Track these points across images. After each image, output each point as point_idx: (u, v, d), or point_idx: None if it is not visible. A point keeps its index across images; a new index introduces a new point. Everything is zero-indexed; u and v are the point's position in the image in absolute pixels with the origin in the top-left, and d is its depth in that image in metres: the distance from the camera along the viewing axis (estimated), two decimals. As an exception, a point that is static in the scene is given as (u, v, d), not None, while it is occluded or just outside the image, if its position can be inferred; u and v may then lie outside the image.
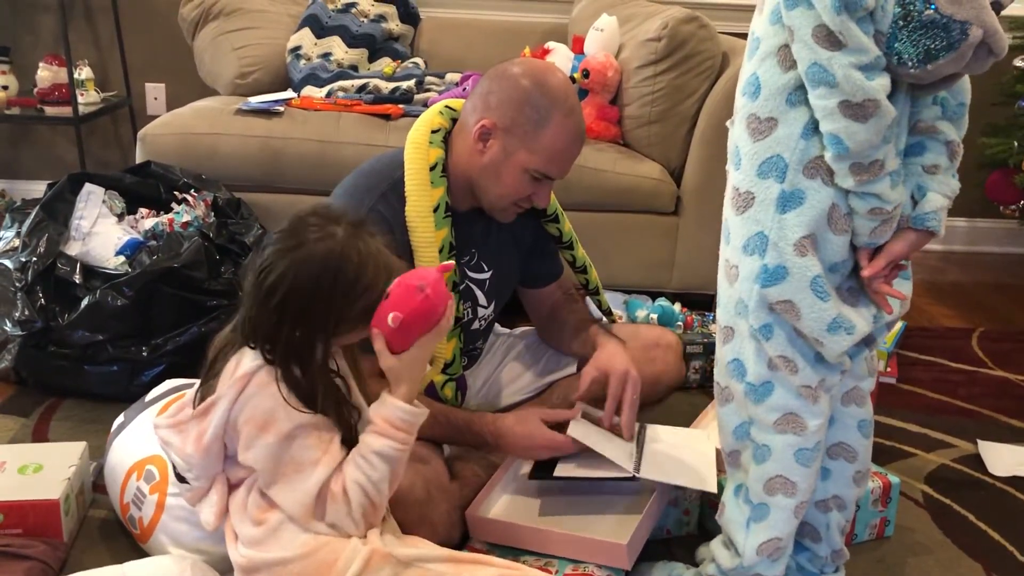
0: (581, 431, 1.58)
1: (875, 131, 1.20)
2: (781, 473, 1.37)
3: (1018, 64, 3.24)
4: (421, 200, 1.59)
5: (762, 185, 1.29)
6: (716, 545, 1.49)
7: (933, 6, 1.15)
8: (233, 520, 1.33)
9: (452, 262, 1.42)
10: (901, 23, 1.17)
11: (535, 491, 1.66)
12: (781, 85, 1.26)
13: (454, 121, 1.69)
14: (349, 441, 1.30)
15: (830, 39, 1.17)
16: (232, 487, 1.33)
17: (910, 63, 1.19)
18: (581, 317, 1.84)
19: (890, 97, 1.21)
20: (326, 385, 1.28)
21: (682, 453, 1.66)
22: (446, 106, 1.71)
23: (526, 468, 1.67)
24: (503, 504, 1.64)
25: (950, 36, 1.16)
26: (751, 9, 1.35)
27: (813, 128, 1.25)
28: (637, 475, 1.52)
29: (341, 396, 1.31)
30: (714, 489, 1.56)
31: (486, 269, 1.76)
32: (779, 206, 1.28)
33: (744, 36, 1.46)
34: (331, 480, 1.26)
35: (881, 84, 1.19)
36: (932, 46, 1.17)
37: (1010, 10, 3.45)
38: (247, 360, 1.27)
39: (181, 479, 1.35)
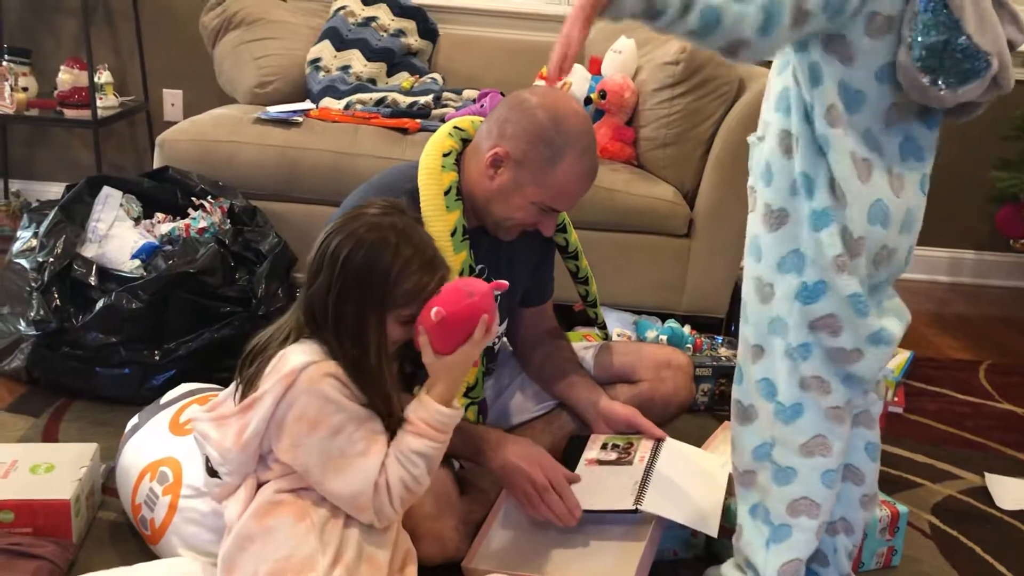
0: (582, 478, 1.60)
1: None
2: (807, 495, 1.38)
3: (1030, 99, 3.27)
4: (438, 225, 1.58)
5: (795, 202, 1.31)
6: (728, 569, 1.49)
7: (967, 35, 1.19)
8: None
9: (506, 281, 1.41)
10: (940, 47, 1.20)
11: (529, 526, 1.60)
12: None
13: (463, 141, 1.69)
14: (391, 430, 1.32)
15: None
16: (259, 487, 1.33)
17: (943, 85, 1.22)
18: (567, 361, 1.84)
19: (926, 117, 1.27)
20: (382, 366, 1.29)
21: (691, 482, 1.61)
22: (454, 127, 1.70)
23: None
24: (498, 550, 1.59)
25: (977, 64, 1.21)
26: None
27: None
28: (639, 508, 1.50)
29: (394, 381, 1.32)
30: (714, 533, 1.53)
31: None
32: (813, 223, 1.29)
33: (761, 62, 1.48)
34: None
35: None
36: (967, 69, 1.21)
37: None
38: (294, 356, 1.27)
39: (213, 473, 1.34)
